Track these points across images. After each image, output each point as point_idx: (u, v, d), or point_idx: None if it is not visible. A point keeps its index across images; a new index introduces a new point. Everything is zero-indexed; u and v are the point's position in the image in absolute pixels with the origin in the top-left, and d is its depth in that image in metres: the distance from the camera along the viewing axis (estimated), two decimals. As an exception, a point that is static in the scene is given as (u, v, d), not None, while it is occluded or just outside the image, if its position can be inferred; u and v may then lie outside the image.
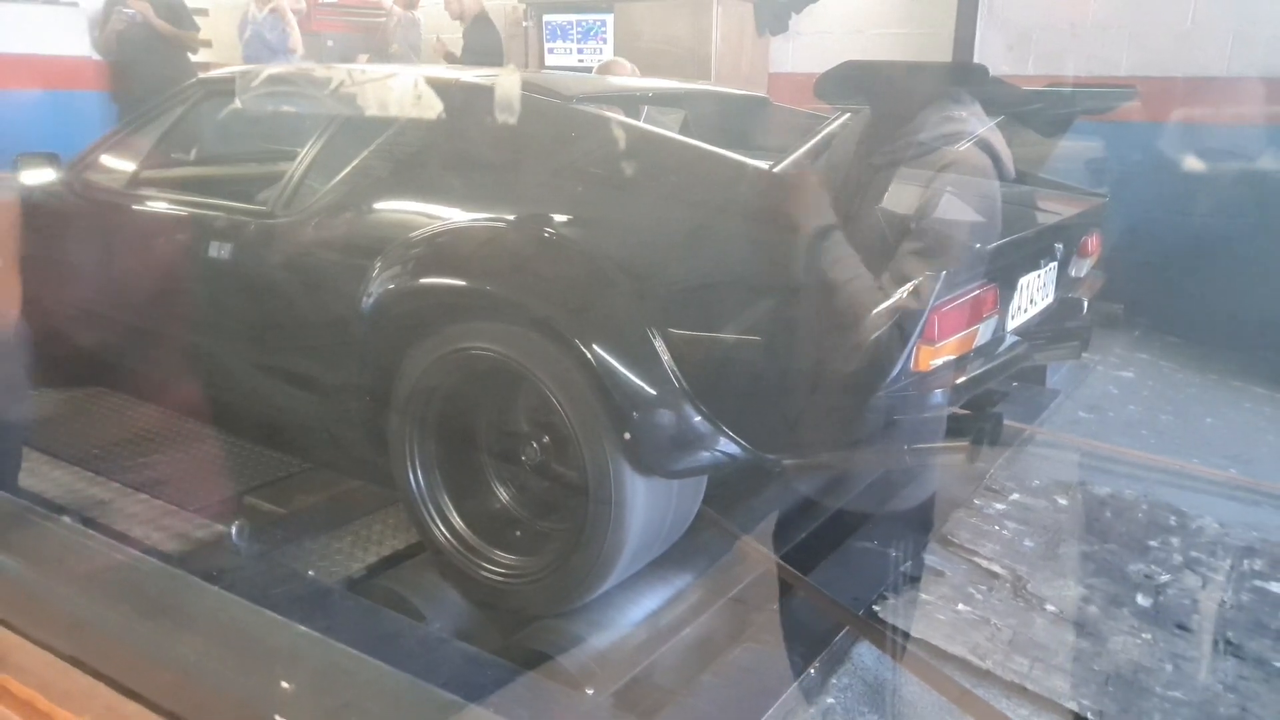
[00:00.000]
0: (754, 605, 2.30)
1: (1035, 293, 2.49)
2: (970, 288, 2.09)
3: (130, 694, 1.06)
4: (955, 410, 2.19)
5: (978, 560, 2.57)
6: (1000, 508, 2.88)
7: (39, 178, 3.16)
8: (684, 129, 3.39)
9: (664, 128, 3.01)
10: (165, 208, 2.93)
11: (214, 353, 2.83)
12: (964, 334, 2.09)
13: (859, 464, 2.47)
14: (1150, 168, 4.90)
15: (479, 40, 6.53)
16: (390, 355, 2.30)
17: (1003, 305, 2.25)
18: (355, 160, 2.55)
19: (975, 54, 5.44)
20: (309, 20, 7.07)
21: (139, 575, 1.40)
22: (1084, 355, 2.68)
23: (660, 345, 1.98)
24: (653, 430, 1.99)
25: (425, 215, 2.33)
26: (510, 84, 2.46)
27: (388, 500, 2.66)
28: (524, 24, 6.65)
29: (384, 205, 2.47)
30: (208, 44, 6.64)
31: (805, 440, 2.01)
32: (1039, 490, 3.02)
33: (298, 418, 2.72)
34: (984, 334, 2.19)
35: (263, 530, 2.51)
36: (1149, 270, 4.61)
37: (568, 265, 2.12)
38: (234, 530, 2.41)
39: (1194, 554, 2.68)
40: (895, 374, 1.91)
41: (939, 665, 2.15)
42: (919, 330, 1.90)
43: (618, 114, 2.50)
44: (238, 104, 2.96)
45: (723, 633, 2.20)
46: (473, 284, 2.18)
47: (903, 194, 1.99)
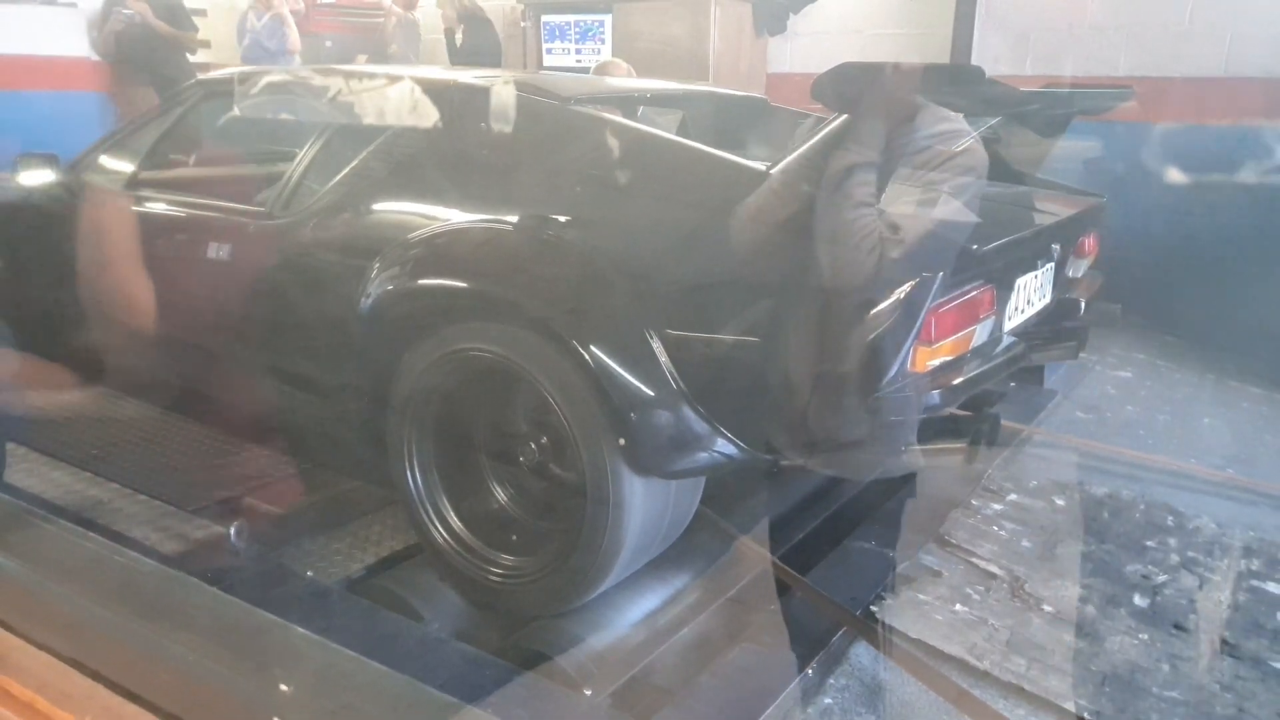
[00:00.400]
0: (752, 605, 2.30)
1: (1032, 293, 2.49)
2: (967, 289, 2.09)
3: (130, 695, 1.06)
4: (953, 411, 2.20)
5: (975, 560, 2.57)
6: (998, 508, 2.89)
7: (38, 179, 3.16)
8: (682, 130, 3.39)
9: (662, 129, 3.02)
10: (164, 209, 2.93)
11: (212, 353, 2.83)
12: (961, 335, 2.09)
13: (856, 465, 2.47)
14: (1147, 168, 4.91)
15: (477, 41, 6.53)
16: (388, 356, 2.30)
17: (1000, 306, 2.26)
18: (354, 161, 2.55)
19: (973, 55, 5.45)
20: (307, 21, 7.07)
21: (138, 576, 1.40)
22: (1081, 355, 2.69)
23: (658, 346, 1.99)
24: (650, 431, 1.99)
25: (423, 216, 2.33)
26: (508, 86, 2.47)
27: (386, 501, 2.67)
28: (522, 24, 6.65)
29: (382, 206, 2.48)
30: (206, 44, 6.65)
31: (802, 441, 2.02)
32: (1036, 491, 3.03)
33: (296, 418, 2.72)
34: (981, 335, 2.19)
35: (261, 531, 2.51)
36: (1146, 270, 4.62)
37: (565, 266, 2.13)
38: (232, 531, 2.41)
39: (1191, 554, 2.68)
40: (892, 375, 1.91)
41: (936, 665, 2.16)
42: (916, 331, 1.91)
43: (615, 115, 2.50)
44: (237, 106, 2.96)
45: (720, 633, 2.21)
46: (471, 285, 2.19)
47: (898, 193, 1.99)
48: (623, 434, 1.98)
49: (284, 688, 1.15)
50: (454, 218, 2.28)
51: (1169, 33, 5.00)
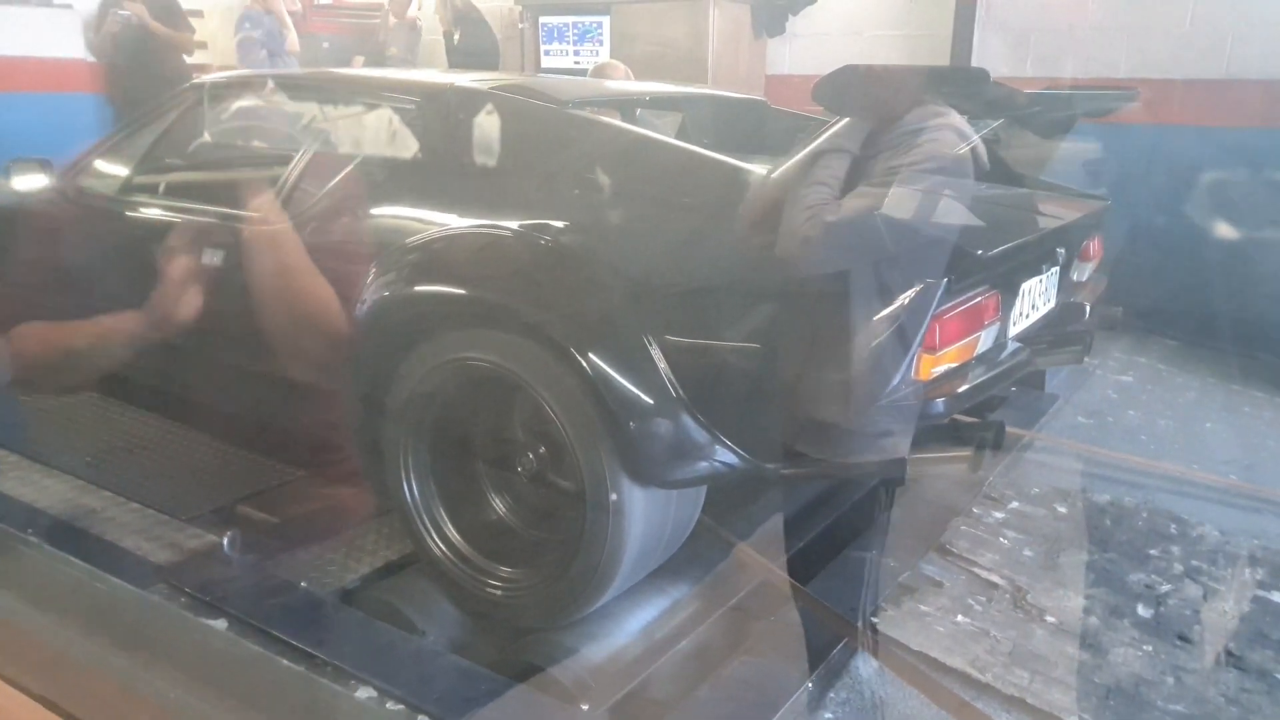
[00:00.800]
0: (751, 617, 2.27)
1: (1037, 298, 2.47)
2: (972, 294, 2.07)
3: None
4: (957, 417, 2.17)
5: (977, 570, 2.55)
6: (999, 516, 2.86)
7: (31, 184, 3.13)
8: (681, 133, 3.37)
9: (660, 131, 2.99)
10: (158, 214, 2.90)
11: (207, 359, 2.80)
12: (966, 341, 2.06)
13: (858, 473, 2.44)
14: (1148, 170, 4.89)
15: (474, 42, 6.51)
16: (385, 363, 2.27)
17: (1004, 311, 2.23)
18: (348, 166, 2.52)
19: (973, 56, 5.42)
20: (305, 22, 7.04)
21: (118, 604, 1.37)
22: (1084, 359, 2.66)
23: (657, 353, 1.96)
24: (650, 440, 1.96)
25: (420, 221, 2.31)
26: (505, 90, 2.44)
27: (382, 510, 2.63)
28: (520, 26, 6.62)
29: (379, 211, 2.45)
30: (203, 45, 6.62)
31: (805, 450, 1.99)
32: (1038, 498, 3.00)
33: (291, 425, 2.69)
34: (985, 341, 2.17)
35: (255, 540, 2.47)
36: (1147, 273, 4.59)
37: (563, 272, 2.10)
38: (226, 540, 2.38)
39: (1195, 563, 2.66)
40: (896, 382, 1.89)
41: (938, 678, 2.13)
42: (920, 338, 1.88)
43: (613, 119, 2.47)
44: (233, 109, 2.94)
45: (720, 645, 2.18)
46: (468, 291, 2.16)
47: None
48: (622, 443, 1.95)
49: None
50: (450, 223, 2.25)
51: (1169, 35, 4.98)
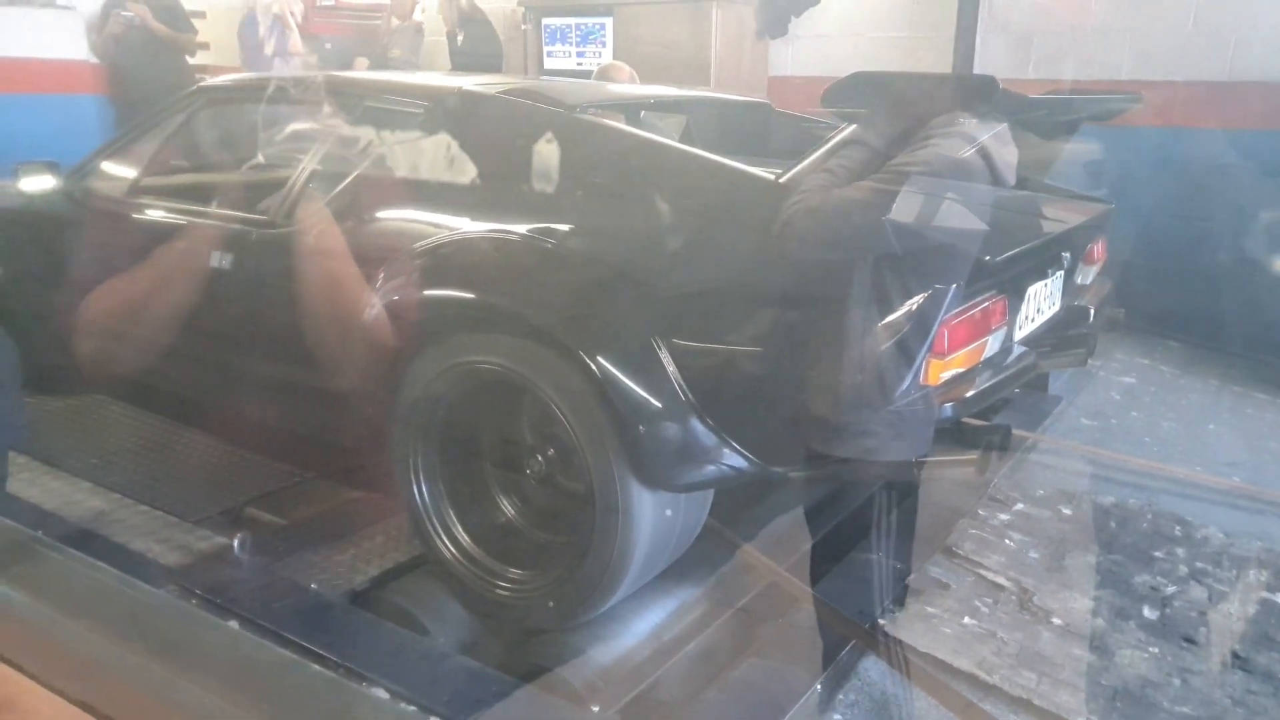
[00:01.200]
0: (759, 619, 2.28)
1: (1042, 302, 2.48)
2: (980, 299, 2.08)
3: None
4: (964, 421, 2.18)
5: (983, 572, 2.56)
6: (1005, 518, 2.87)
7: (39, 186, 3.14)
8: (685, 136, 3.38)
9: (665, 134, 3.00)
10: (166, 217, 2.91)
11: (215, 362, 2.81)
12: (973, 346, 2.07)
13: (866, 476, 2.46)
14: (1151, 172, 4.90)
15: (477, 44, 6.51)
16: (393, 367, 2.28)
17: (1011, 316, 2.24)
18: (357, 170, 2.53)
19: (975, 58, 5.43)
20: (307, 23, 7.04)
21: (149, 610, 1.38)
22: (1088, 362, 2.67)
23: (665, 356, 1.97)
24: (658, 443, 1.97)
25: (428, 226, 2.31)
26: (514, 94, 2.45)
27: (391, 512, 2.64)
28: (523, 27, 6.63)
29: (386, 215, 2.46)
30: (205, 47, 6.62)
31: (812, 453, 2.00)
32: (1043, 500, 3.01)
33: (300, 428, 2.70)
34: (993, 345, 2.18)
35: (265, 542, 2.49)
36: (1149, 275, 4.60)
37: (571, 276, 2.11)
38: (236, 543, 2.40)
39: (1200, 565, 2.67)
40: (905, 387, 1.90)
41: (945, 679, 2.14)
42: (929, 343, 1.89)
43: (619, 122, 2.48)
44: (239, 112, 2.95)
45: (728, 647, 2.19)
46: (476, 295, 2.17)
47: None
48: (630, 446, 1.96)
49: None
50: (459, 227, 2.26)
51: (1172, 36, 4.98)
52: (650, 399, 1.96)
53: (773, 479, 2.05)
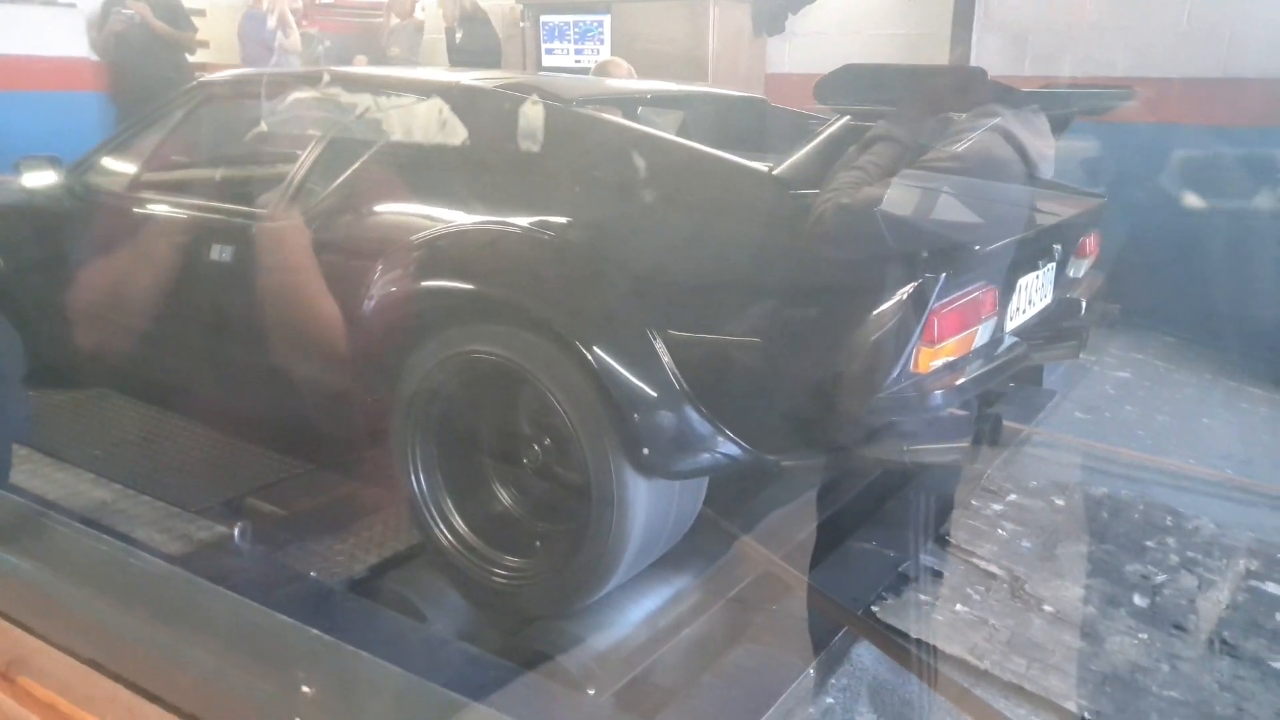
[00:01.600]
0: (753, 606, 2.31)
1: (1034, 294, 2.50)
2: (970, 289, 2.10)
3: (151, 697, 1.06)
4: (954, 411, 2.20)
5: (975, 561, 2.58)
6: (998, 508, 2.90)
7: (41, 181, 3.16)
8: (682, 131, 3.40)
9: (662, 129, 3.02)
10: (166, 211, 2.94)
11: (215, 355, 2.84)
12: (963, 335, 2.10)
13: (858, 465, 2.48)
14: (1145, 168, 4.92)
15: (476, 41, 6.53)
16: (392, 358, 2.31)
17: (1001, 306, 2.27)
18: (356, 163, 2.56)
19: (971, 55, 5.45)
20: (306, 20, 7.06)
21: (154, 580, 1.41)
22: (1081, 355, 2.69)
23: (661, 346, 1.99)
24: (654, 432, 2.00)
25: (425, 218, 2.34)
26: (513, 88, 2.47)
27: (390, 502, 2.67)
28: (521, 24, 6.65)
29: (384, 208, 2.48)
30: (205, 45, 6.64)
31: (805, 441, 2.03)
32: (1036, 491, 3.04)
33: (299, 420, 2.72)
34: (983, 335, 2.20)
35: (265, 532, 2.51)
36: (1143, 270, 4.63)
37: (568, 267, 2.14)
38: (236, 532, 2.42)
39: (1190, 554, 2.69)
40: (895, 375, 1.92)
41: (937, 665, 2.16)
42: (919, 331, 1.92)
43: (616, 116, 2.51)
44: (239, 107, 2.97)
45: (723, 633, 2.22)
46: (474, 287, 2.19)
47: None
48: (626, 435, 1.99)
49: (305, 690, 1.15)
50: (456, 219, 2.29)
51: (1168, 33, 5.01)
52: (645, 388, 1.99)
53: (766, 467, 2.07)
